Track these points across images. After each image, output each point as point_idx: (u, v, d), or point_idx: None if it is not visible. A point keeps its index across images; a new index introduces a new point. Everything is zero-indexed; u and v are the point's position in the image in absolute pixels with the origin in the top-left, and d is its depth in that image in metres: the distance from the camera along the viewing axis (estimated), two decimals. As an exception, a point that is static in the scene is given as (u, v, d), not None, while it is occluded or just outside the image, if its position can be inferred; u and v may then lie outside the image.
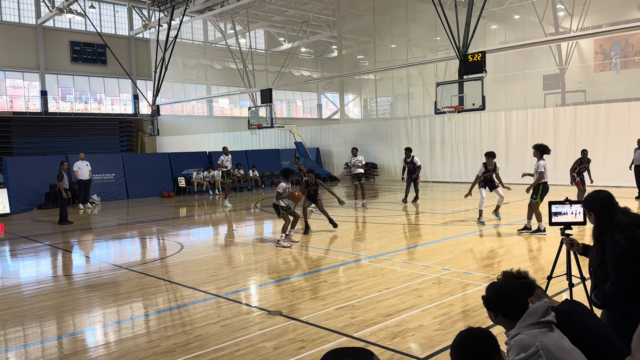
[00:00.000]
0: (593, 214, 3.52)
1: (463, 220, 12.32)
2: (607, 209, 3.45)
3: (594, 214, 3.52)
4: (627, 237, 3.33)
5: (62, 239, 12.02)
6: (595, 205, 3.52)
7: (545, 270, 5.66)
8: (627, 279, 3.33)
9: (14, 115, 30.54)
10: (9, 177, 17.99)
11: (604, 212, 3.46)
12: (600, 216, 3.48)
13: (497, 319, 2.68)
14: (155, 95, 27.09)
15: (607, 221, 3.43)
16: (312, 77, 40.12)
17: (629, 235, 3.33)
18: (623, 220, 3.39)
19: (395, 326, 5.27)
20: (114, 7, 34.93)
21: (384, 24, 30.39)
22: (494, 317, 2.69)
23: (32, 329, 5.73)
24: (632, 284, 3.34)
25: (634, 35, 26.72)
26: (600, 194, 3.56)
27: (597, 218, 3.50)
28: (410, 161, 15.75)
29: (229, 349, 4.84)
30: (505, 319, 2.65)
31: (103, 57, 33.54)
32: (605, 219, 3.45)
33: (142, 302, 6.57)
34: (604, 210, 3.46)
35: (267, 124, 24.02)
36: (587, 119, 18.94)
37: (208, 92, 36.96)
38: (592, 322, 2.86)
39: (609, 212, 3.44)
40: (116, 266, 8.74)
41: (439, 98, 16.58)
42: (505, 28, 30.04)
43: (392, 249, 9.19)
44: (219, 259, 9.05)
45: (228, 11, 30.38)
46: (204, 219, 15.14)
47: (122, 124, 34.82)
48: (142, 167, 21.86)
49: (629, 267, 3.31)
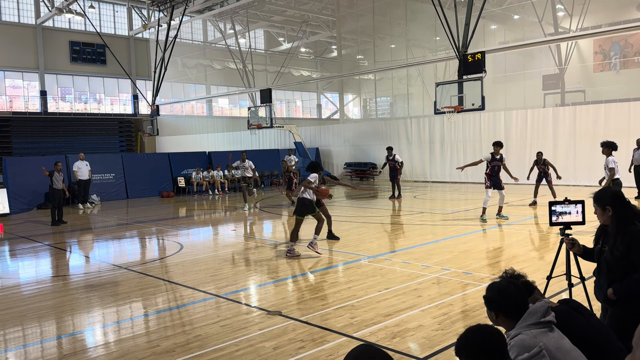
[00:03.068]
0: (611, 208, 3.46)
1: (463, 220, 12.33)
2: (624, 202, 3.46)
3: (611, 208, 3.46)
4: None
5: (61, 239, 12.02)
6: (613, 199, 3.49)
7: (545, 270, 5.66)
8: None
9: (13, 115, 30.54)
10: (9, 177, 17.98)
11: (622, 204, 3.45)
12: (620, 209, 3.45)
13: (497, 319, 2.68)
14: (155, 95, 27.08)
15: (627, 213, 3.42)
16: (311, 77, 40.12)
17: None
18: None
19: (395, 326, 5.27)
20: (113, 7, 34.92)
21: (384, 24, 30.39)
22: (495, 317, 2.68)
23: (32, 329, 5.72)
24: None
25: (634, 36, 26.74)
26: (612, 189, 3.58)
27: (617, 211, 3.45)
28: (392, 159, 16.65)
29: (229, 349, 4.84)
30: (506, 319, 2.65)
31: (102, 57, 33.54)
32: (624, 212, 3.43)
33: (141, 302, 6.57)
34: (622, 202, 3.46)
35: (267, 124, 24.01)
36: (587, 119, 18.95)
37: (208, 92, 36.96)
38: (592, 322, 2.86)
39: (626, 203, 3.45)
40: (116, 266, 8.74)
41: (439, 98, 16.59)
42: (504, 28, 30.05)
43: (392, 249, 9.18)
44: (218, 259, 9.04)
45: (228, 11, 30.37)
46: (204, 219, 15.13)
47: (122, 124, 34.81)
48: (142, 167, 21.85)
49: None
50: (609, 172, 10.00)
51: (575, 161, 18.95)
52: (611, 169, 9.95)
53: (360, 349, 1.88)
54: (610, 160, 9.97)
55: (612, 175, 9.97)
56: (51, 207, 14.57)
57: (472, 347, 2.23)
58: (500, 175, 11.98)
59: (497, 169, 11.85)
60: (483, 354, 2.21)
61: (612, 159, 9.98)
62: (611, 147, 9.93)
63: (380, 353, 1.84)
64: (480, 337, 2.25)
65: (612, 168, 9.94)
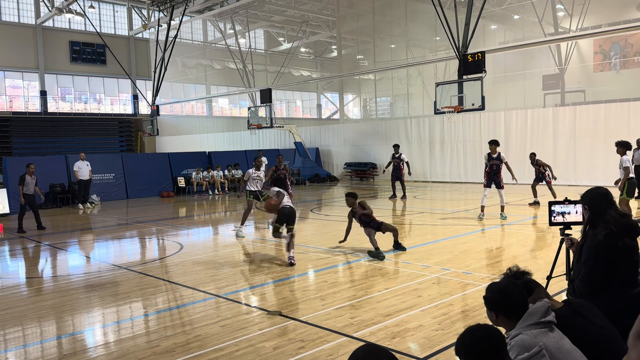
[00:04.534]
0: (588, 208, 3.54)
1: (463, 220, 12.32)
2: (600, 205, 3.47)
3: (588, 207, 3.54)
4: (607, 233, 3.32)
5: (61, 239, 12.02)
6: (590, 200, 3.55)
7: (545, 270, 5.65)
8: (594, 275, 3.31)
9: (13, 115, 30.54)
10: (9, 177, 17.97)
11: (597, 207, 3.47)
12: (593, 211, 3.49)
13: (497, 320, 2.67)
14: (155, 95, 27.08)
15: (598, 217, 3.44)
16: (311, 77, 40.11)
17: (610, 232, 3.31)
18: (615, 218, 3.39)
19: (395, 326, 5.27)
20: (113, 7, 34.92)
21: (384, 24, 30.38)
22: (495, 318, 2.68)
23: (32, 329, 5.72)
24: (600, 284, 3.31)
25: (634, 36, 26.74)
26: (596, 190, 3.59)
27: (590, 212, 3.52)
28: (397, 157, 16.16)
29: (229, 349, 4.84)
30: (506, 319, 2.64)
31: (102, 57, 33.53)
32: (597, 215, 3.46)
33: (141, 302, 6.57)
34: (597, 205, 3.48)
35: (267, 124, 24.01)
36: (587, 119, 18.95)
37: (207, 92, 36.95)
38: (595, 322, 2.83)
39: (602, 207, 3.45)
40: (116, 266, 8.74)
41: (439, 98, 16.59)
42: (504, 28, 30.05)
43: (392, 249, 9.18)
44: (218, 259, 9.04)
45: (227, 11, 30.38)
46: (204, 219, 15.13)
47: (122, 124, 34.81)
48: (142, 167, 21.85)
49: (599, 263, 3.29)
50: (624, 171, 10.08)
51: (575, 161, 18.95)
52: (626, 167, 10.04)
53: (365, 348, 1.88)
54: (625, 159, 10.09)
55: (627, 174, 10.05)
56: (19, 213, 13.08)
57: (471, 347, 2.23)
58: (502, 174, 12.01)
59: (495, 168, 11.91)
60: (482, 354, 2.21)
61: (626, 158, 10.10)
62: (625, 146, 10.04)
63: (385, 353, 1.84)
64: (479, 337, 2.25)
65: (626, 167, 10.04)
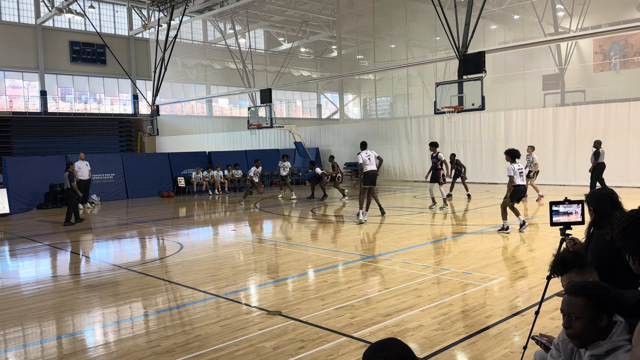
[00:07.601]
0: (593, 209, 3.52)
1: (463, 220, 12.33)
2: (605, 206, 3.45)
3: (593, 209, 3.52)
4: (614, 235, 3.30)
5: (61, 239, 12.02)
6: (594, 201, 3.53)
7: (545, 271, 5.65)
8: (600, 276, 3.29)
9: (13, 115, 30.56)
10: (9, 177, 17.98)
11: (603, 208, 3.46)
12: (598, 212, 3.48)
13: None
14: (155, 95, 27.09)
15: (603, 218, 3.43)
16: (311, 77, 40.11)
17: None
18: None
19: (395, 326, 5.27)
20: (113, 7, 34.94)
21: (384, 24, 30.38)
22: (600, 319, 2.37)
23: (32, 329, 5.72)
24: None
25: (634, 36, 26.74)
26: (602, 191, 3.58)
27: (595, 214, 3.51)
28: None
29: (229, 349, 4.84)
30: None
31: (102, 57, 33.55)
32: (602, 216, 3.45)
33: (141, 302, 6.57)
34: (602, 206, 3.47)
35: (267, 124, 24.01)
36: (587, 119, 18.96)
37: (207, 92, 36.96)
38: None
39: (608, 209, 3.43)
40: (116, 266, 8.74)
41: (439, 98, 16.59)
42: (504, 28, 30.02)
43: (392, 249, 9.19)
44: (218, 259, 9.04)
45: (227, 11, 30.39)
46: (204, 219, 15.13)
47: (122, 124, 34.83)
48: (142, 167, 21.85)
49: (602, 265, 3.24)
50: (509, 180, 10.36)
51: (575, 161, 18.95)
52: (510, 177, 10.30)
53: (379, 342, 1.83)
54: (510, 168, 10.31)
55: (510, 182, 10.29)
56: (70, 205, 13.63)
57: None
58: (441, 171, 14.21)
59: (432, 166, 14.34)
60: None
61: (511, 167, 10.31)
62: (513, 155, 10.33)
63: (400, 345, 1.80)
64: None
65: (510, 176, 10.29)
